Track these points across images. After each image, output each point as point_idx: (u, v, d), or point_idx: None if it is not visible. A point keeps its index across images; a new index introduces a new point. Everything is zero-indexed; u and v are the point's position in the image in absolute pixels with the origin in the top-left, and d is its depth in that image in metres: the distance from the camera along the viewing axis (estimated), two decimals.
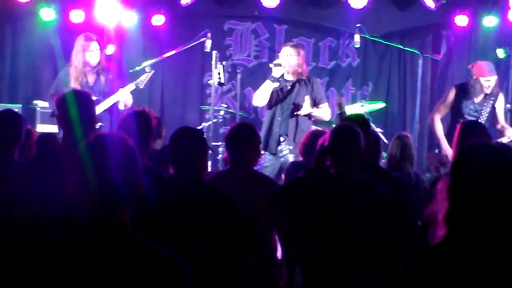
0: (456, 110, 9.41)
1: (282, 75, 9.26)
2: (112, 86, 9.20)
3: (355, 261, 4.78)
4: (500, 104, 9.45)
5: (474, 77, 9.37)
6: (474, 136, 5.44)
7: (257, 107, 11.14)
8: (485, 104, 9.31)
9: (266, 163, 9.25)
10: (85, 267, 2.78)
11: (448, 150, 9.09)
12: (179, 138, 4.92)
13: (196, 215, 4.68)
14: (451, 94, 9.51)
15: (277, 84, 9.21)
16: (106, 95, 9.06)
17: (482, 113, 9.27)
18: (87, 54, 9.12)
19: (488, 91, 9.32)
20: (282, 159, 9.15)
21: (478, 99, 9.35)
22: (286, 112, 9.24)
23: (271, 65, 9.35)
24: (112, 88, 9.17)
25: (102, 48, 9.40)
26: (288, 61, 9.22)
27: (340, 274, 4.80)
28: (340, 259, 4.78)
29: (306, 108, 9.12)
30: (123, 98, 9.13)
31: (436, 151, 9.38)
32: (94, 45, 9.18)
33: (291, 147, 8.99)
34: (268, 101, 9.30)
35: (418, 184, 7.16)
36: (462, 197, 2.97)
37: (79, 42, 9.21)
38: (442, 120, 9.56)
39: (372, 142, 5.55)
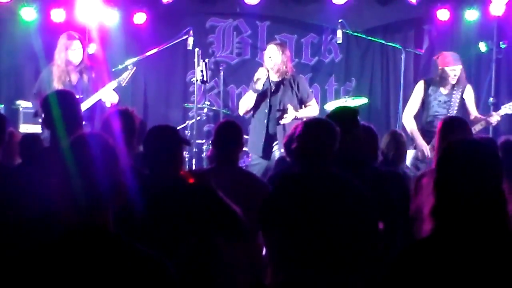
0: (425, 104, 9.45)
1: (267, 77, 9.18)
2: (95, 84, 9.16)
3: (335, 257, 4.75)
4: (469, 96, 9.46)
5: (440, 67, 9.41)
6: (456, 132, 5.47)
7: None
8: (454, 94, 9.34)
9: (254, 161, 9.23)
10: (68, 268, 2.77)
11: (423, 146, 9.12)
12: (150, 138, 4.89)
13: (176, 213, 4.65)
14: (419, 88, 9.55)
15: (258, 91, 9.13)
16: (89, 93, 9.02)
17: (451, 104, 9.31)
18: (70, 52, 9.08)
19: (454, 81, 9.34)
20: (270, 160, 9.13)
21: (445, 91, 9.39)
22: (272, 114, 9.18)
23: (254, 79, 9.21)
24: (95, 87, 9.13)
25: (85, 46, 9.36)
26: (273, 60, 9.18)
27: (320, 271, 4.78)
28: (319, 256, 4.74)
29: (290, 114, 9.05)
30: (107, 96, 9.09)
31: (412, 147, 9.36)
32: (77, 44, 9.14)
33: (282, 150, 8.95)
34: (254, 105, 9.26)
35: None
36: (448, 192, 2.98)
37: (62, 41, 9.17)
38: (416, 116, 9.58)
39: (364, 138, 5.53)
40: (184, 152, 7.50)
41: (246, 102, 9.22)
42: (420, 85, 9.58)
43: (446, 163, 3.04)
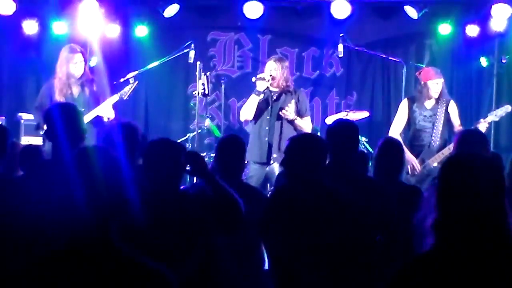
0: (411, 119, 9.47)
1: (267, 87, 9.23)
2: (97, 97, 9.16)
3: (329, 267, 4.78)
4: (453, 109, 9.45)
5: (422, 82, 9.42)
6: (472, 145, 5.48)
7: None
8: (439, 109, 9.34)
9: (251, 173, 9.23)
10: (70, 280, 2.77)
11: (412, 160, 9.11)
12: (149, 152, 4.87)
13: (178, 227, 4.66)
14: (404, 106, 9.57)
15: (262, 96, 9.19)
16: (90, 107, 9.02)
17: (437, 118, 9.31)
18: (71, 66, 9.08)
19: (436, 94, 9.35)
20: (267, 168, 9.16)
21: (429, 105, 9.40)
22: (272, 121, 9.22)
23: (253, 79, 9.30)
24: (97, 100, 9.13)
25: (86, 60, 9.37)
26: (272, 75, 9.21)
27: (314, 280, 4.80)
28: (312, 265, 4.79)
29: (291, 111, 9.12)
30: (105, 111, 9.08)
31: None
32: (79, 57, 9.14)
33: (275, 155, 9.00)
34: (256, 113, 9.27)
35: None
36: (450, 206, 2.98)
37: (64, 54, 9.17)
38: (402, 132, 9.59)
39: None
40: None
41: (249, 106, 9.23)
42: (404, 103, 9.60)
43: (449, 177, 3.05)
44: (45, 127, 5.60)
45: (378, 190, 5.42)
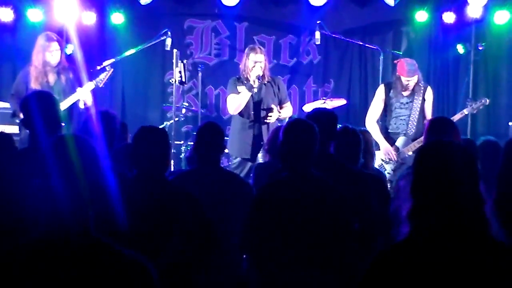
0: (387, 106, 9.46)
1: (248, 79, 9.16)
2: (73, 85, 9.13)
3: (314, 256, 4.79)
4: (429, 98, 9.45)
5: (397, 73, 9.42)
6: (442, 133, 5.48)
7: (219, 105, 11.15)
8: (415, 96, 9.34)
9: (234, 165, 9.18)
10: (48, 271, 2.76)
11: (387, 148, 9.14)
12: (141, 138, 4.92)
13: (160, 214, 4.69)
14: (380, 92, 9.54)
15: (254, 91, 9.12)
16: (66, 94, 8.98)
17: (414, 106, 9.31)
18: (47, 54, 9.05)
19: (407, 91, 9.32)
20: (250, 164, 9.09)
21: (407, 93, 9.38)
22: (257, 115, 9.16)
23: (256, 81, 9.11)
24: (73, 88, 9.10)
25: (62, 48, 9.32)
26: (262, 67, 9.14)
27: (296, 270, 4.81)
28: (298, 256, 4.79)
29: (275, 114, 9.08)
30: (83, 97, 9.06)
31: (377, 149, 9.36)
32: (55, 45, 9.11)
33: (261, 154, 8.92)
34: None
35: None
36: (424, 194, 2.99)
37: (40, 42, 9.13)
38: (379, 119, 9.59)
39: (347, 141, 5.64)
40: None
41: (239, 100, 9.09)
42: (381, 89, 9.58)
43: (423, 165, 3.06)
44: (21, 115, 5.58)
45: (355, 178, 5.44)
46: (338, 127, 5.75)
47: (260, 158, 8.81)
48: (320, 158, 5.01)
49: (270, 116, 9.08)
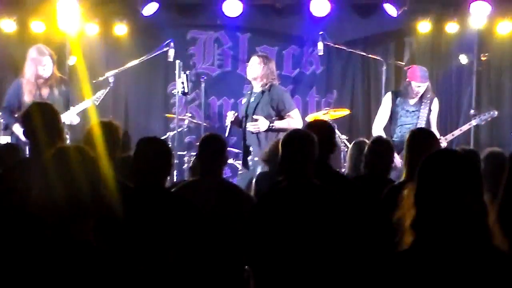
0: (393, 114, 9.46)
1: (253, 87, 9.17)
2: (66, 98, 9.17)
3: (314, 266, 4.80)
4: (435, 108, 9.48)
5: (407, 79, 9.44)
6: (424, 145, 5.47)
7: (221, 116, 11.14)
8: (422, 105, 9.36)
9: (237, 175, 9.19)
10: (47, 279, 2.76)
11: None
12: (141, 148, 4.95)
13: (161, 224, 4.70)
14: (387, 100, 9.56)
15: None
16: (60, 107, 8.88)
17: (420, 115, 9.33)
18: (40, 68, 9.05)
19: (417, 96, 9.35)
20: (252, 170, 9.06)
21: (413, 101, 9.41)
22: (246, 124, 9.11)
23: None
24: (66, 100, 9.16)
25: (54, 61, 9.23)
26: (252, 71, 9.11)
27: (297, 279, 4.82)
28: (299, 265, 4.80)
29: (261, 125, 8.92)
30: (69, 118, 9.07)
31: None
32: (47, 60, 9.09)
33: (256, 159, 8.87)
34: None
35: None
36: (428, 203, 2.98)
37: (31, 55, 9.12)
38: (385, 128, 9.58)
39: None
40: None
41: None
42: (388, 96, 9.59)
43: (427, 174, 3.05)
44: (14, 127, 5.60)
45: (352, 188, 5.53)
46: (344, 137, 5.81)
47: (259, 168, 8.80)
48: (317, 168, 5.05)
49: (252, 126, 8.94)
